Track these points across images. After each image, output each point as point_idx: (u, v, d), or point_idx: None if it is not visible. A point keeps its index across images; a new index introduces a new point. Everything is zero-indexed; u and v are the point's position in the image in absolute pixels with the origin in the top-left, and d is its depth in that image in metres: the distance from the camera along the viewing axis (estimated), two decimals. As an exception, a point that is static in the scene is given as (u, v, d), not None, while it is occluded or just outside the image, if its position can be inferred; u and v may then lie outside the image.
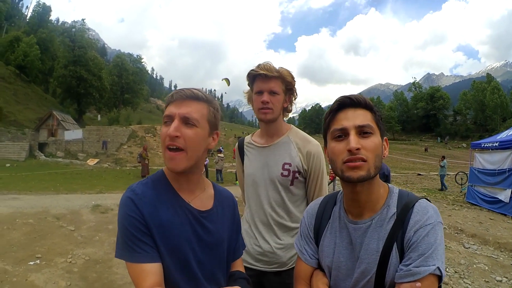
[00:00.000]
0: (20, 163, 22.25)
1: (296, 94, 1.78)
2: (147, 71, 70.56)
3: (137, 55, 61.69)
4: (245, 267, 1.71)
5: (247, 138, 1.91)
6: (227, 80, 18.21)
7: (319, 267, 1.17)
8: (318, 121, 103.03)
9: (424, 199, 1.02)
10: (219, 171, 14.09)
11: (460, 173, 16.15)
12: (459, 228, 7.45)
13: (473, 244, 6.32)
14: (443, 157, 16.76)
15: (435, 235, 0.93)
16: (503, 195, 9.12)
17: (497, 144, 10.16)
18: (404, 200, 1.01)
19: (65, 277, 4.20)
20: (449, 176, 20.71)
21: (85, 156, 26.63)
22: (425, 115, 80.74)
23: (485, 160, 10.68)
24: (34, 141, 28.41)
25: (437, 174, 22.36)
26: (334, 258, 1.09)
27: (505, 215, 8.85)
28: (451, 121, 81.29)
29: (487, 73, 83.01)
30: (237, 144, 1.97)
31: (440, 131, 77.24)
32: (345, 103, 1.02)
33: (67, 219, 6.39)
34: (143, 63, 60.69)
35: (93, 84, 45.37)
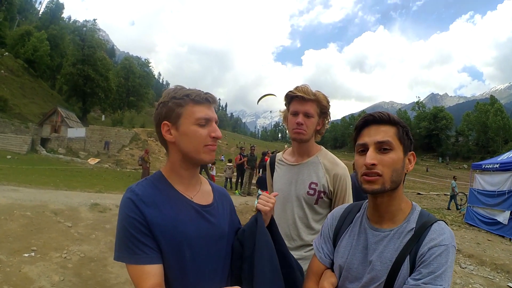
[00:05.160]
0: (21, 156, 22.30)
1: (330, 118, 1.85)
2: (154, 75, 71.00)
3: (145, 59, 62.07)
4: None
5: (279, 155, 2.00)
6: (273, 95, 18.11)
7: (331, 267, 1.22)
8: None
9: (443, 222, 1.06)
10: (228, 179, 14.84)
11: (459, 194, 16.09)
12: (457, 248, 7.36)
13: (470, 264, 6.27)
14: (454, 178, 17.22)
15: (447, 257, 0.96)
16: (502, 217, 9.06)
17: (497, 166, 10.14)
18: (424, 218, 1.06)
19: (59, 272, 4.20)
20: (447, 196, 20.62)
21: (86, 154, 26.65)
22: (427, 134, 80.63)
23: (485, 181, 10.64)
24: (37, 135, 28.55)
25: (437, 194, 22.36)
26: (347, 260, 1.14)
27: (503, 236, 8.79)
28: (453, 141, 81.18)
29: (491, 95, 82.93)
30: (269, 159, 2.08)
31: (442, 151, 77.09)
32: (368, 121, 1.09)
33: (65, 215, 6.38)
34: (150, 67, 60.97)
35: (100, 84, 45.46)
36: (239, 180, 14.42)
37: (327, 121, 1.84)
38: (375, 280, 1.03)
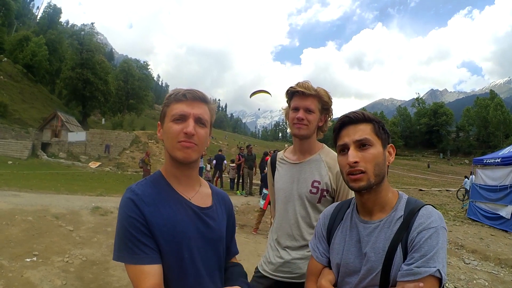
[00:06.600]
0: (22, 161, 22.34)
1: (332, 115, 1.82)
2: (153, 77, 70.95)
3: (144, 61, 61.76)
4: (266, 277, 1.77)
5: (280, 154, 1.97)
6: (267, 92, 17.61)
7: (329, 266, 1.24)
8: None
9: (430, 205, 1.09)
10: (232, 180, 14.76)
11: (461, 189, 16.06)
12: (460, 243, 7.38)
13: (474, 260, 6.25)
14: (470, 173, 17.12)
15: (437, 238, 0.98)
16: (505, 212, 9.03)
17: (499, 160, 10.11)
18: (412, 205, 1.09)
19: (61, 276, 4.17)
20: (450, 192, 20.62)
21: (87, 158, 26.66)
22: (428, 131, 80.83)
23: (487, 176, 10.62)
24: (38, 140, 28.57)
25: (439, 190, 22.36)
26: (343, 255, 1.16)
27: (506, 231, 8.75)
28: (454, 137, 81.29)
29: (491, 90, 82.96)
30: (269, 158, 2.04)
31: (443, 147, 77.15)
32: (345, 122, 1.14)
33: (66, 219, 6.37)
34: (149, 70, 60.87)
35: (99, 87, 45.45)
36: (240, 181, 14.46)
37: (329, 118, 1.81)
38: (372, 271, 1.05)
